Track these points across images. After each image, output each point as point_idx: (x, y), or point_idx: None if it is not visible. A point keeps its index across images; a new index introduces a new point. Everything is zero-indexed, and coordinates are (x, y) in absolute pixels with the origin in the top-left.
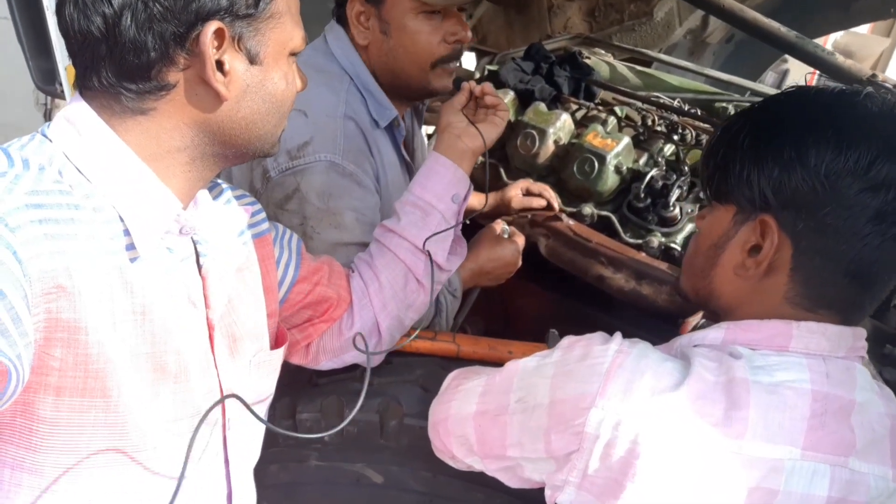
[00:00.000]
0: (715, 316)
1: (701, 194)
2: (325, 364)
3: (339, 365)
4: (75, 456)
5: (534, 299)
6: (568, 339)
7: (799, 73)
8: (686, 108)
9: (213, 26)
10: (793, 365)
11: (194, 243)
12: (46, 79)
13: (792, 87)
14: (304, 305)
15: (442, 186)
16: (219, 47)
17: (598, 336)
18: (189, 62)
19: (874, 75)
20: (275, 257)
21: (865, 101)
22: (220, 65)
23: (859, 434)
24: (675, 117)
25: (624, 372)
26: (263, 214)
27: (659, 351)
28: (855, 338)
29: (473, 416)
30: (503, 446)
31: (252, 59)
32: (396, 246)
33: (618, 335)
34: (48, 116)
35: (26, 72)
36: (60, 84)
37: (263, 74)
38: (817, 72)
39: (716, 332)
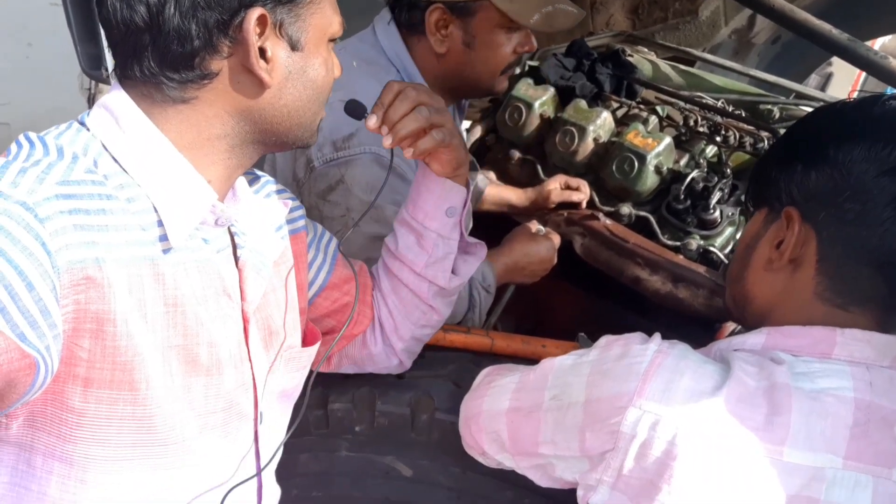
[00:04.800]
0: (754, 326)
1: (742, 197)
2: (347, 369)
3: (360, 371)
4: (103, 447)
5: (567, 299)
6: (606, 339)
7: (843, 76)
8: (730, 110)
9: (256, 13)
10: (835, 372)
11: (232, 235)
12: (93, 64)
13: (825, 104)
14: (328, 312)
15: (432, 203)
16: (261, 34)
17: (637, 336)
18: (232, 49)
19: None
20: (307, 258)
21: (886, 101)
22: (262, 51)
23: None
24: (718, 118)
25: (663, 372)
26: (302, 211)
27: (699, 353)
28: None
29: (506, 412)
30: (535, 443)
31: (293, 46)
32: (399, 269)
33: (657, 336)
34: (92, 101)
35: (71, 57)
36: (107, 69)
37: (305, 61)
38: (862, 74)
39: (756, 338)
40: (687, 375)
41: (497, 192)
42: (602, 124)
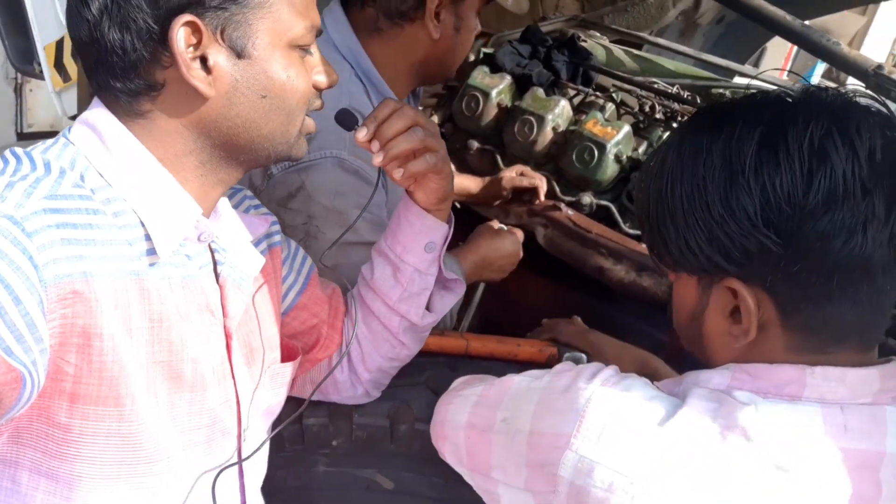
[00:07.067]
0: None
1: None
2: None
3: (324, 399)
4: (90, 465)
5: (535, 291)
6: (561, 365)
7: (776, 51)
8: (685, 95)
9: (181, 20)
10: (805, 415)
11: (212, 251)
12: (23, 58)
13: (698, 108)
14: (296, 333)
15: (411, 236)
16: (198, 43)
17: (590, 367)
18: (171, 60)
19: (880, 66)
20: (281, 274)
21: (778, 103)
22: (203, 60)
23: (887, 490)
24: (675, 105)
25: (601, 412)
26: (279, 227)
27: (651, 387)
28: (883, 379)
29: (464, 426)
30: (489, 465)
31: (239, 53)
32: (371, 300)
33: (610, 368)
34: (18, 92)
35: None
36: (39, 64)
37: (254, 68)
38: (793, 48)
39: (719, 378)
40: (627, 414)
41: (457, 181)
42: (560, 113)
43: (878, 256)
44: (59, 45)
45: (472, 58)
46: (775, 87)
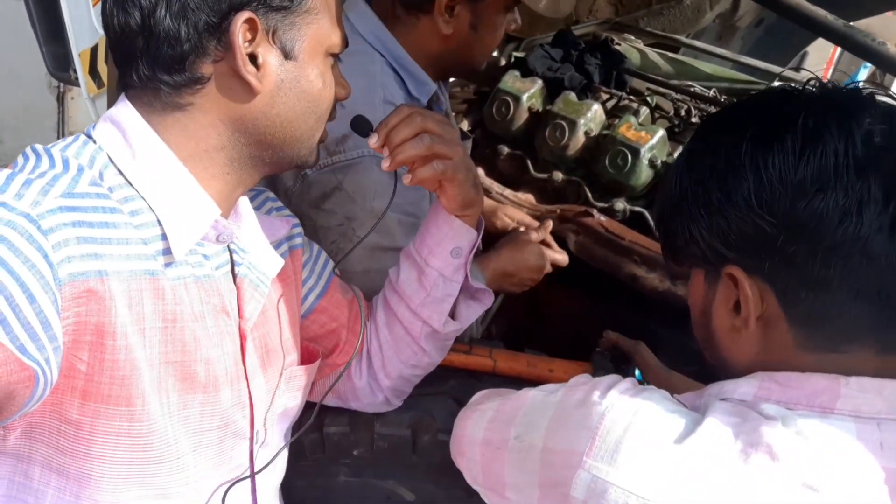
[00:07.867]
0: None
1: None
2: (330, 401)
3: (343, 406)
4: (100, 464)
5: (564, 299)
6: (576, 378)
7: (818, 55)
8: (722, 99)
9: (243, 16)
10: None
11: (231, 251)
12: (60, 65)
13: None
14: (315, 336)
15: (437, 239)
16: (252, 40)
17: (606, 380)
18: (222, 54)
19: None
20: (301, 277)
21: (783, 96)
22: (253, 58)
23: None
24: (712, 109)
25: (616, 427)
26: (300, 230)
27: (671, 401)
28: None
29: (480, 443)
30: (503, 484)
31: (287, 54)
32: (396, 303)
33: (628, 381)
34: (60, 100)
35: (38, 55)
36: (74, 71)
37: (298, 71)
38: (837, 50)
39: (747, 387)
40: (644, 432)
41: None
42: (593, 117)
43: (878, 242)
44: (94, 51)
45: (503, 62)
46: None
